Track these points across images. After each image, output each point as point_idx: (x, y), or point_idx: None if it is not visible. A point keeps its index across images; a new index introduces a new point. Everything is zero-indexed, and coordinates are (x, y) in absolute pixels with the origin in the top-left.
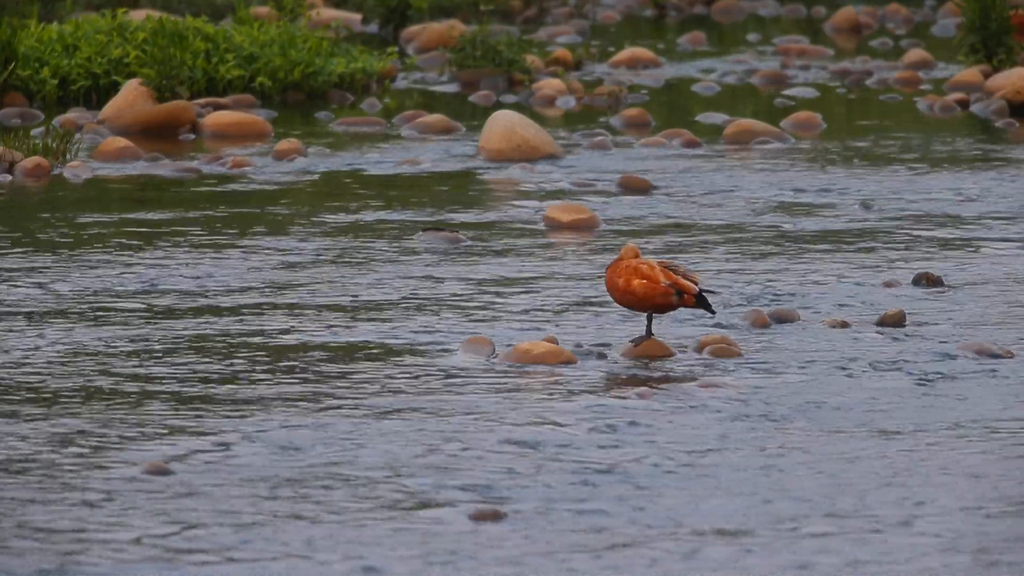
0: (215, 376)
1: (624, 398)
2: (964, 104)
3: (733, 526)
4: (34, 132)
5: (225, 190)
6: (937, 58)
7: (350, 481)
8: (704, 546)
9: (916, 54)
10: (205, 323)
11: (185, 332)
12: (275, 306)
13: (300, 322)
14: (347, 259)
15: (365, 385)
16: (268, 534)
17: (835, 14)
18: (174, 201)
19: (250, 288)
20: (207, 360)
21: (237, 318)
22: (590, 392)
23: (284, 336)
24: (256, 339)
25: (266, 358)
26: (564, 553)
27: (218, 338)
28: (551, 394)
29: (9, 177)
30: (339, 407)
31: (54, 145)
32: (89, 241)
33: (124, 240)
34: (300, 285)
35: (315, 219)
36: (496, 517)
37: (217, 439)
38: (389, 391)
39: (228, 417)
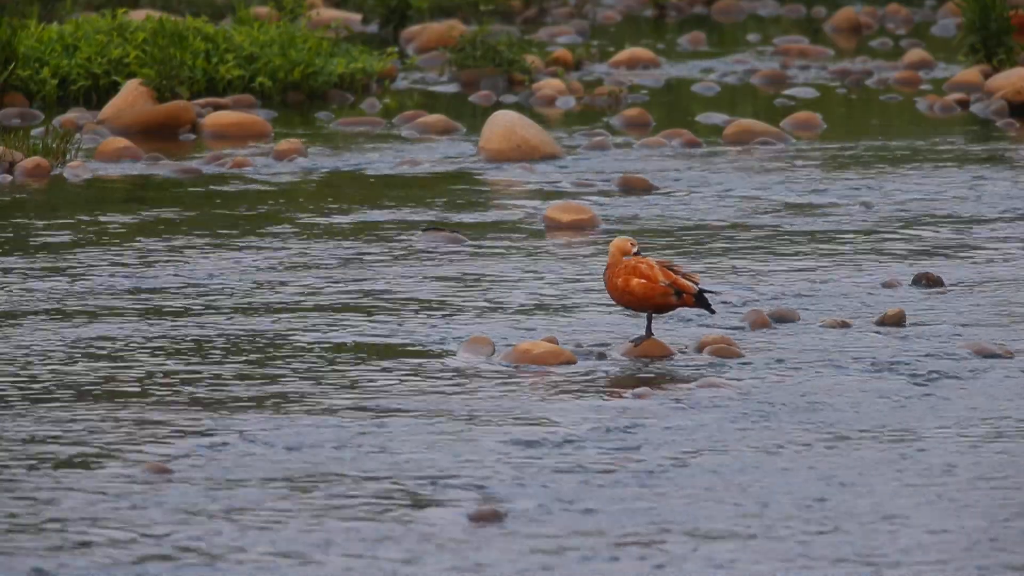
0: (215, 376)
1: (624, 398)
2: (964, 104)
3: (733, 526)
4: (34, 132)
5: (225, 190)
6: (937, 58)
7: (350, 481)
8: (704, 546)
9: (916, 54)
10: (204, 323)
11: (185, 332)
12: (275, 306)
13: (300, 322)
14: (347, 259)
15: (365, 385)
16: (268, 534)
17: (835, 14)
18: (174, 201)
19: (250, 288)
20: (207, 360)
21: (236, 318)
22: (590, 392)
23: (284, 336)
24: (256, 339)
25: (266, 358)
26: (563, 553)
27: (218, 338)
28: (551, 394)
29: (9, 177)
30: (339, 407)
31: (54, 145)
32: (89, 241)
33: (124, 240)
34: (300, 285)
35: (315, 219)
36: (496, 517)
37: (217, 439)
38: (389, 391)
39: (228, 417)
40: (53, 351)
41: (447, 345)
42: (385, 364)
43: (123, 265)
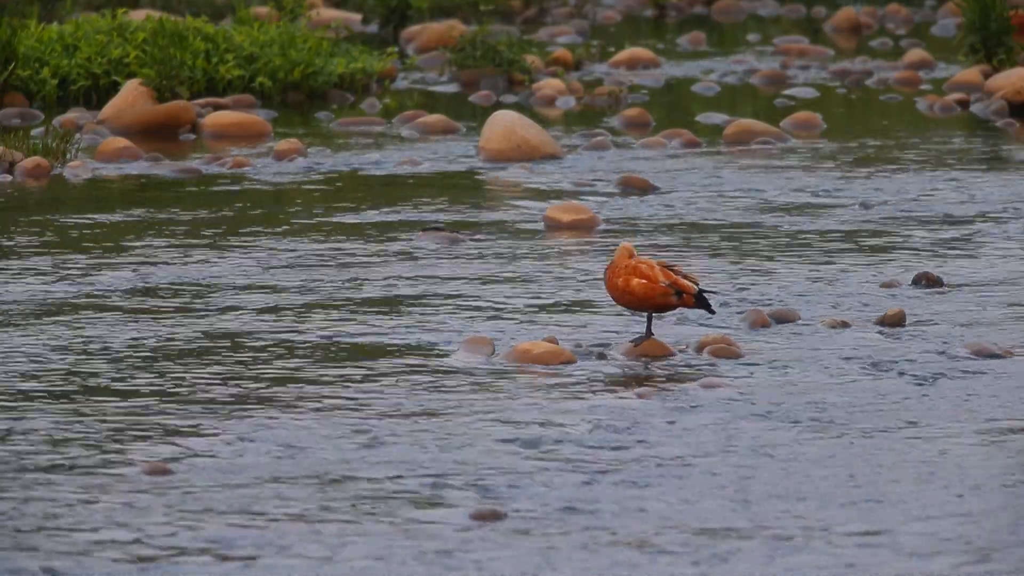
0: (215, 376)
1: (624, 398)
2: (964, 104)
3: (732, 526)
4: (34, 132)
5: (225, 190)
6: (937, 58)
7: (350, 481)
8: (704, 546)
9: (916, 54)
10: (205, 323)
11: (185, 332)
12: (275, 306)
13: (300, 322)
14: (347, 259)
15: (365, 385)
16: (268, 534)
17: (835, 14)
18: (174, 201)
19: (250, 288)
20: (207, 360)
21: (236, 318)
22: (590, 392)
23: (284, 336)
24: (256, 339)
25: (266, 358)
26: (563, 553)
27: (218, 338)
28: (551, 394)
29: (9, 177)
30: (339, 407)
31: (54, 145)
32: (89, 241)
33: (124, 240)
34: (300, 285)
35: (315, 219)
36: (496, 517)
37: (217, 439)
38: (389, 391)
39: (228, 417)
40: (53, 351)
41: (447, 345)
42: (384, 364)
43: (122, 265)
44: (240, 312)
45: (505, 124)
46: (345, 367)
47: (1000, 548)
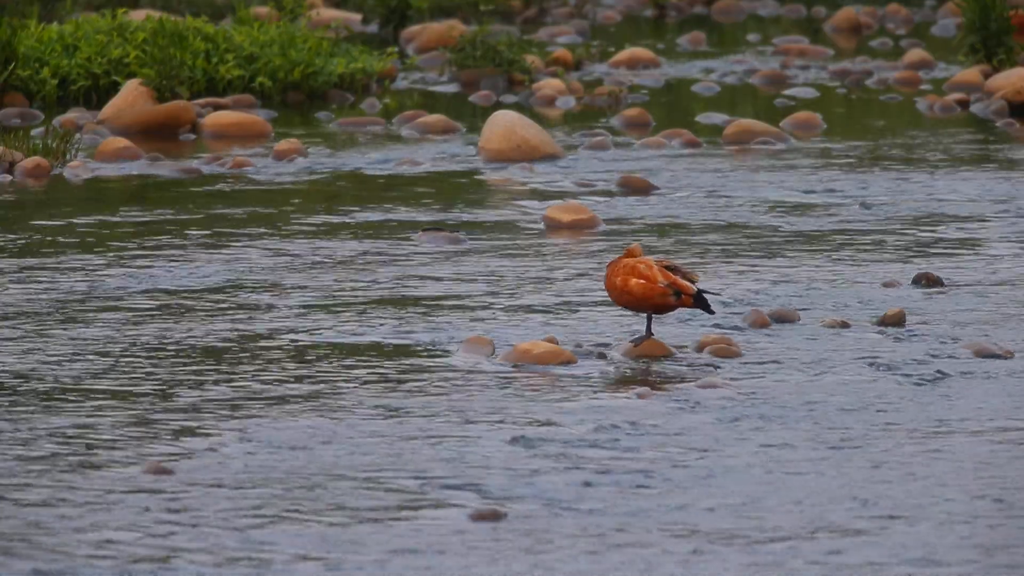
0: (215, 376)
1: (624, 398)
2: (964, 104)
3: (732, 527)
4: (34, 132)
5: (225, 190)
6: (937, 58)
7: (350, 481)
8: (704, 546)
9: (916, 54)
10: (205, 323)
11: (185, 332)
12: (274, 306)
13: (300, 322)
14: (347, 259)
15: (365, 385)
16: (268, 534)
17: (835, 14)
18: (174, 201)
19: (249, 288)
20: (207, 360)
21: (237, 318)
22: (590, 392)
23: (284, 336)
24: (256, 339)
25: (266, 358)
26: (564, 553)
27: (218, 338)
28: (551, 394)
29: (9, 177)
30: (339, 407)
31: (54, 145)
32: (89, 241)
33: (124, 240)
34: (299, 285)
35: (315, 219)
36: (496, 517)
37: (217, 439)
38: (389, 391)
39: (228, 417)
40: (53, 351)
41: (447, 345)
42: (384, 364)
43: (122, 265)
44: (239, 312)
45: (505, 124)
46: (345, 367)
47: (1003, 548)
